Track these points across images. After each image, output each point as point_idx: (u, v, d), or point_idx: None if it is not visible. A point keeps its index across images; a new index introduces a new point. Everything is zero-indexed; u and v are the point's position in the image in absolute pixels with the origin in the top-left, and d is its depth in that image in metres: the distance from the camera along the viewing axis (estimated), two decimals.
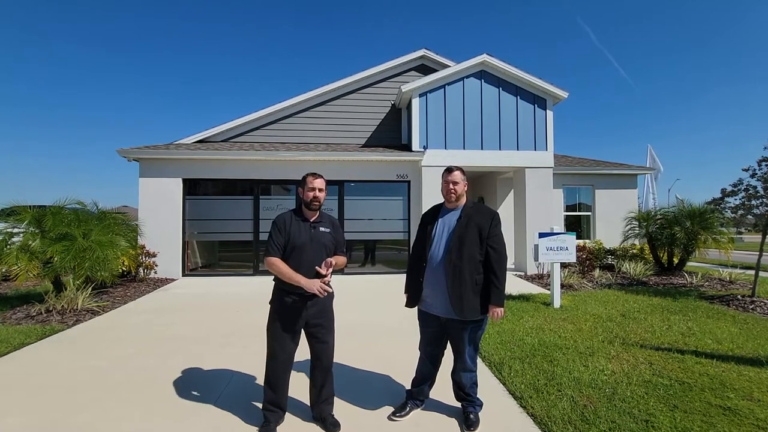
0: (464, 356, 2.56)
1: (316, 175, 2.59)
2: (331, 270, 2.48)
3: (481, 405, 2.67)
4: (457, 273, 2.43)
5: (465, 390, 2.63)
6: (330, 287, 2.45)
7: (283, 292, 2.49)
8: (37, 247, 5.72)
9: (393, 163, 9.18)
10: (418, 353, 2.77)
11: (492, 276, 2.45)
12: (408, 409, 2.68)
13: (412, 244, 2.83)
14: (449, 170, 2.59)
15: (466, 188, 2.61)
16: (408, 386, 2.83)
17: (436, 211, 2.69)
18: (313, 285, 2.36)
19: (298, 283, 2.37)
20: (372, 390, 3.06)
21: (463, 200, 2.62)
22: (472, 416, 2.56)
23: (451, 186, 2.56)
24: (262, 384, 2.55)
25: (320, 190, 2.55)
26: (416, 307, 2.69)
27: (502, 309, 2.47)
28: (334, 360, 2.66)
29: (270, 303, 2.58)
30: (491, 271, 2.45)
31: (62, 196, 7.24)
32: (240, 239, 9.11)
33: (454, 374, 2.66)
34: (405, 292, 2.76)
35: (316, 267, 2.46)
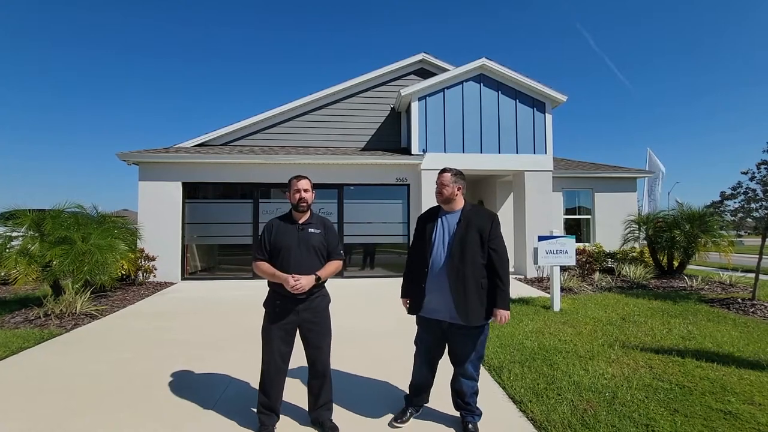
0: (466, 364, 2.50)
1: (299, 177, 2.62)
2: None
3: (480, 415, 2.58)
4: (461, 277, 2.37)
5: (465, 399, 2.54)
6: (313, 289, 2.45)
7: (275, 294, 2.50)
8: (36, 250, 5.72)
9: (392, 167, 9.19)
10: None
11: (496, 279, 2.41)
12: (408, 414, 2.65)
13: (409, 248, 2.78)
14: (441, 171, 2.57)
15: (459, 191, 2.53)
16: (406, 390, 2.80)
17: (434, 214, 2.62)
18: (288, 277, 2.36)
19: (279, 279, 2.39)
20: (372, 395, 3.05)
21: (461, 203, 2.55)
22: (471, 426, 2.50)
23: (437, 188, 2.55)
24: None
25: (305, 190, 2.55)
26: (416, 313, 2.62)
27: (508, 312, 2.43)
28: (333, 365, 2.65)
29: (263, 306, 2.57)
30: (495, 274, 2.41)
31: (62, 199, 7.21)
32: (239, 243, 9.10)
33: (454, 383, 2.59)
34: (402, 297, 2.71)
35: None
